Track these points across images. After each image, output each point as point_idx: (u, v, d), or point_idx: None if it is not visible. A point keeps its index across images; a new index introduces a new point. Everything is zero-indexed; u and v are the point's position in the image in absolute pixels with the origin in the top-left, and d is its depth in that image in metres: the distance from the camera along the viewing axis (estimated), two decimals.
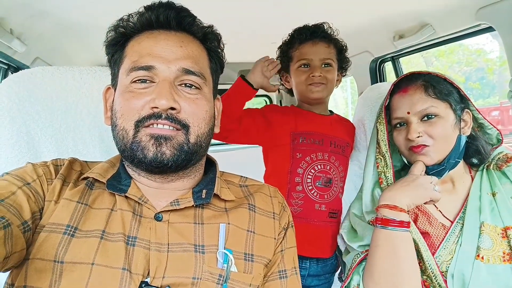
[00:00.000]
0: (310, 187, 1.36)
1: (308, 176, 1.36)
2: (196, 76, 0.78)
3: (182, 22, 0.80)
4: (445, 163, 1.02)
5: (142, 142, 0.73)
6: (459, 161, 1.06)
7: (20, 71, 1.04)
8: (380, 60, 2.26)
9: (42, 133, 1.02)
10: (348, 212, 1.23)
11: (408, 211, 0.98)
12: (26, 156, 0.99)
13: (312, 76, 1.38)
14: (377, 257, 0.96)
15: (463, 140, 1.05)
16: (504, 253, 0.94)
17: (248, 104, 1.40)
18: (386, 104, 1.13)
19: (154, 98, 0.72)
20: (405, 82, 1.09)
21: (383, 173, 1.12)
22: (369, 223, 1.09)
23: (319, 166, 1.37)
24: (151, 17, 0.78)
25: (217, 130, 0.88)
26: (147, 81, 0.75)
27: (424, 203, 1.01)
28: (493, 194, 1.03)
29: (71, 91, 1.06)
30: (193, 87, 0.78)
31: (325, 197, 1.37)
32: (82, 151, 1.06)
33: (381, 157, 1.14)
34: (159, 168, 0.74)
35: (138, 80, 0.75)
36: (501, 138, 1.10)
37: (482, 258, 0.94)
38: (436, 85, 1.03)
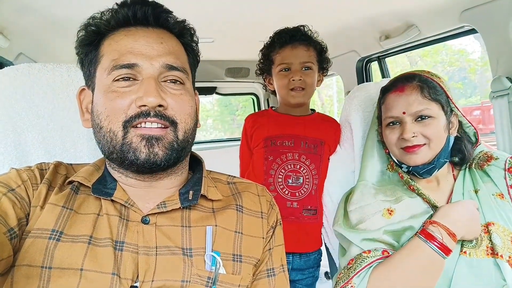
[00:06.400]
0: (281, 186, 1.42)
1: (279, 176, 1.42)
2: (179, 71, 0.77)
3: (159, 18, 0.79)
4: (435, 162, 1.05)
5: (133, 143, 0.71)
6: (447, 161, 1.09)
7: (4, 67, 1.02)
8: (366, 59, 2.30)
9: (29, 131, 1.00)
10: (340, 204, 1.22)
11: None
12: (13, 154, 0.97)
13: (292, 80, 1.42)
14: (407, 269, 0.94)
15: (452, 140, 1.08)
16: (487, 247, 0.97)
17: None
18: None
19: (141, 96, 0.71)
20: (401, 81, 1.10)
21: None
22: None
23: (289, 166, 1.43)
24: (128, 14, 0.76)
25: (198, 125, 0.86)
26: (130, 79, 0.74)
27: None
28: (476, 191, 1.06)
29: (58, 89, 1.04)
30: (177, 82, 0.78)
31: (297, 195, 1.42)
32: (69, 149, 1.04)
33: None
34: (151, 168, 0.73)
35: (121, 78, 0.74)
36: (477, 138, 1.13)
37: (465, 253, 0.97)
38: (431, 86, 1.05)
